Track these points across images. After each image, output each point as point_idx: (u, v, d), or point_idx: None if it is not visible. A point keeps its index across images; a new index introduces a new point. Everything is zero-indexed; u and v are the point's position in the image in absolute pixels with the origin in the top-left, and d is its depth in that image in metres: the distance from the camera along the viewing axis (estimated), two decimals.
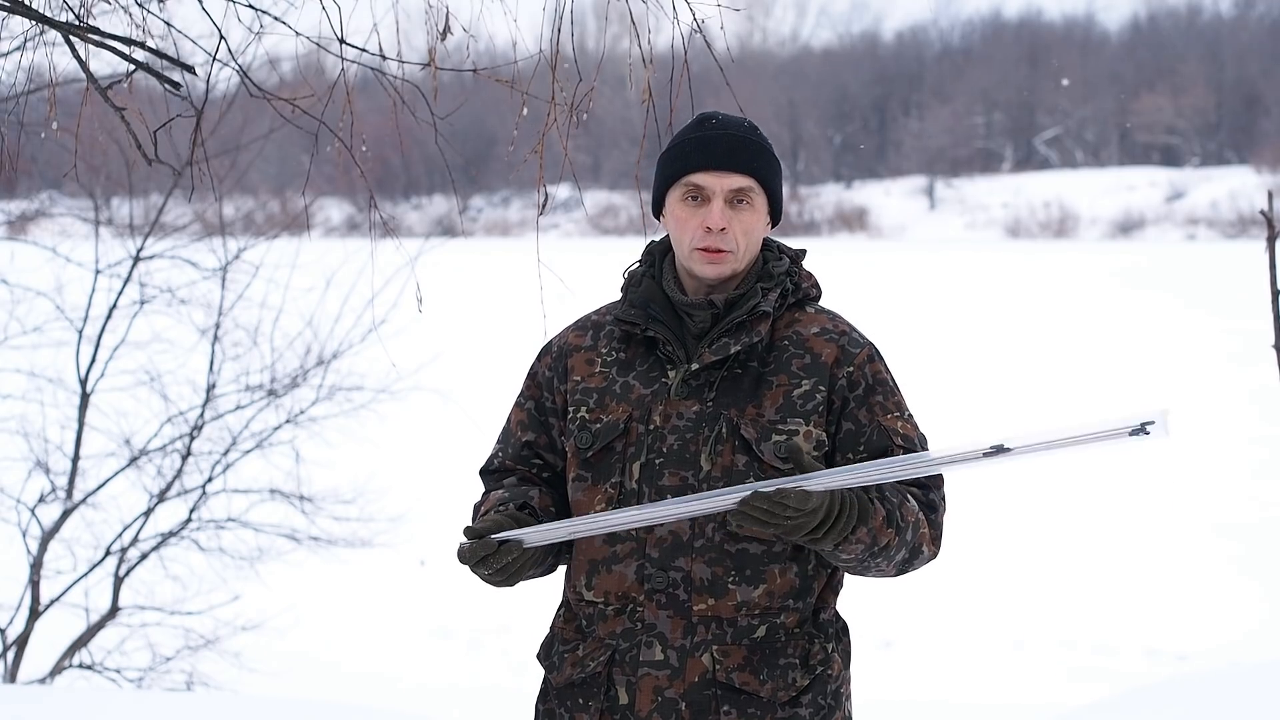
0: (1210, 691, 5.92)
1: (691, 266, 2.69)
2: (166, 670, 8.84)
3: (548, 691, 2.74)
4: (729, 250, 2.66)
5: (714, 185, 2.66)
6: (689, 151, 2.69)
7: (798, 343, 2.68)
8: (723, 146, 2.67)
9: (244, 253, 9.55)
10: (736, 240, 2.66)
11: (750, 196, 2.68)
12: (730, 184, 2.66)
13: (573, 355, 2.76)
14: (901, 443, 2.64)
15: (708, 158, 2.67)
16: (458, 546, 2.59)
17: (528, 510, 2.68)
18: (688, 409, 2.64)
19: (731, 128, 2.70)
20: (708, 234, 2.65)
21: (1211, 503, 14.36)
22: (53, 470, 9.02)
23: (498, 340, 21.17)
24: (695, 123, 2.74)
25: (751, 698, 2.59)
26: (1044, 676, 9.90)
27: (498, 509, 2.66)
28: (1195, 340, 25.28)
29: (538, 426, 2.78)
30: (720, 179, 2.66)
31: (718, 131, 2.69)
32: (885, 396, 2.68)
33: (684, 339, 2.69)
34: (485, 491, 2.81)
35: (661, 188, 2.74)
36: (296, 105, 3.74)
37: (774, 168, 2.72)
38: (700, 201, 2.67)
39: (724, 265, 2.67)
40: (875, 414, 2.65)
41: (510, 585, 2.64)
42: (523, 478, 2.77)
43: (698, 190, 2.67)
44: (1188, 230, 55.75)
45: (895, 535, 2.55)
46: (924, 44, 79.07)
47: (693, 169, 2.67)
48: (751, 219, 2.68)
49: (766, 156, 2.71)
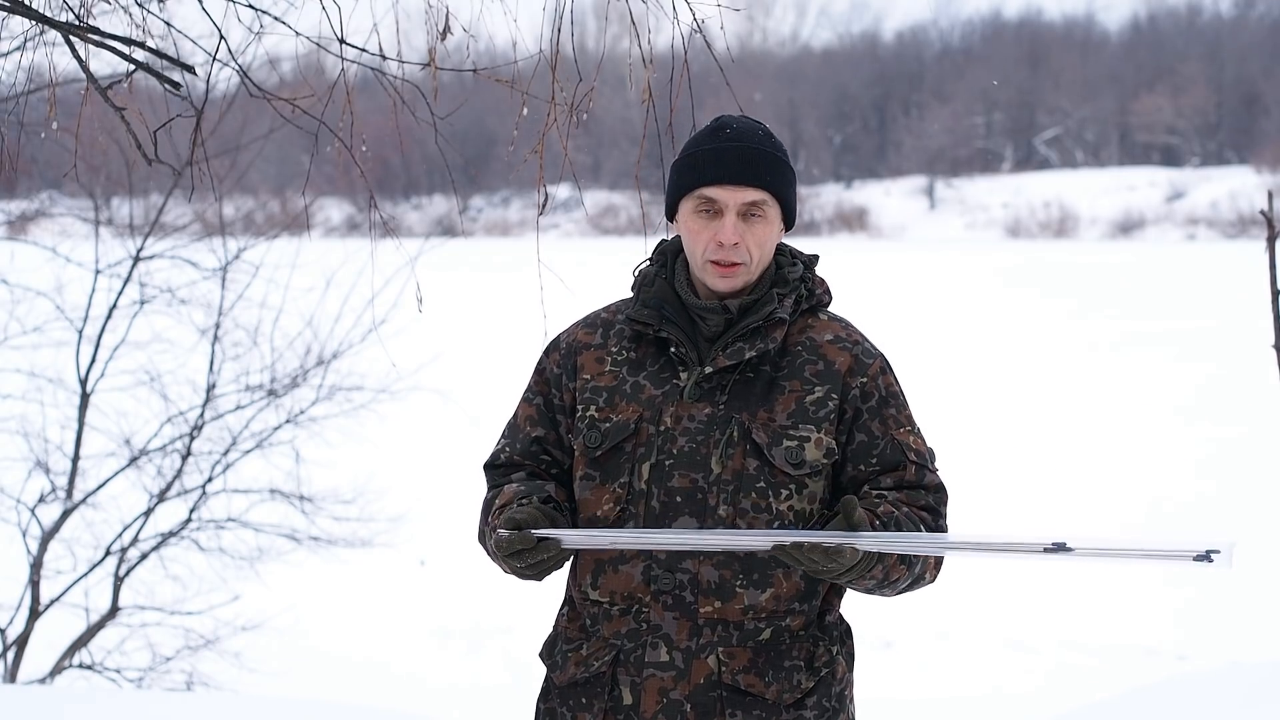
0: (1210, 691, 5.92)
1: (704, 278, 2.68)
2: (166, 670, 8.84)
3: (550, 690, 2.73)
4: (742, 263, 2.65)
5: (727, 199, 2.65)
6: (702, 163, 2.67)
7: (811, 349, 2.68)
8: (736, 160, 2.65)
9: (244, 253, 9.55)
10: (749, 253, 2.65)
11: (763, 209, 2.66)
12: (743, 198, 2.65)
13: (582, 353, 2.75)
14: (914, 458, 2.65)
15: (721, 171, 2.65)
16: (494, 535, 2.55)
17: (552, 505, 2.65)
18: (699, 411, 2.64)
19: (745, 138, 2.68)
20: (720, 248, 2.64)
21: (1211, 503, 14.35)
22: (53, 470, 9.02)
23: (498, 340, 21.19)
24: (710, 131, 2.71)
25: (757, 700, 2.60)
26: (1044, 676, 9.90)
27: (520, 502, 2.63)
28: (1195, 340, 25.27)
29: (547, 423, 2.76)
30: (733, 193, 2.65)
31: (732, 143, 2.67)
32: (898, 410, 2.68)
33: (696, 341, 2.68)
34: (494, 485, 2.77)
35: (675, 196, 2.72)
36: (296, 105, 3.74)
37: (788, 178, 2.70)
38: (713, 215, 2.66)
39: (736, 278, 2.66)
40: (889, 427, 2.66)
41: (539, 580, 2.62)
42: (532, 473, 2.75)
43: (710, 203, 2.66)
44: (1188, 230, 55.76)
45: (906, 570, 2.57)
46: (924, 44, 79.12)
47: (706, 182, 2.66)
48: (764, 231, 2.67)
49: (780, 168, 2.69)
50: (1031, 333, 27.12)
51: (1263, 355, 5.84)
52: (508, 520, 2.55)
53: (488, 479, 2.81)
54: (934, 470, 2.68)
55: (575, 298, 3.65)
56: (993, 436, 17.52)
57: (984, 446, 16.28)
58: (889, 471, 2.64)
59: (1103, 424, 18.59)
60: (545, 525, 2.56)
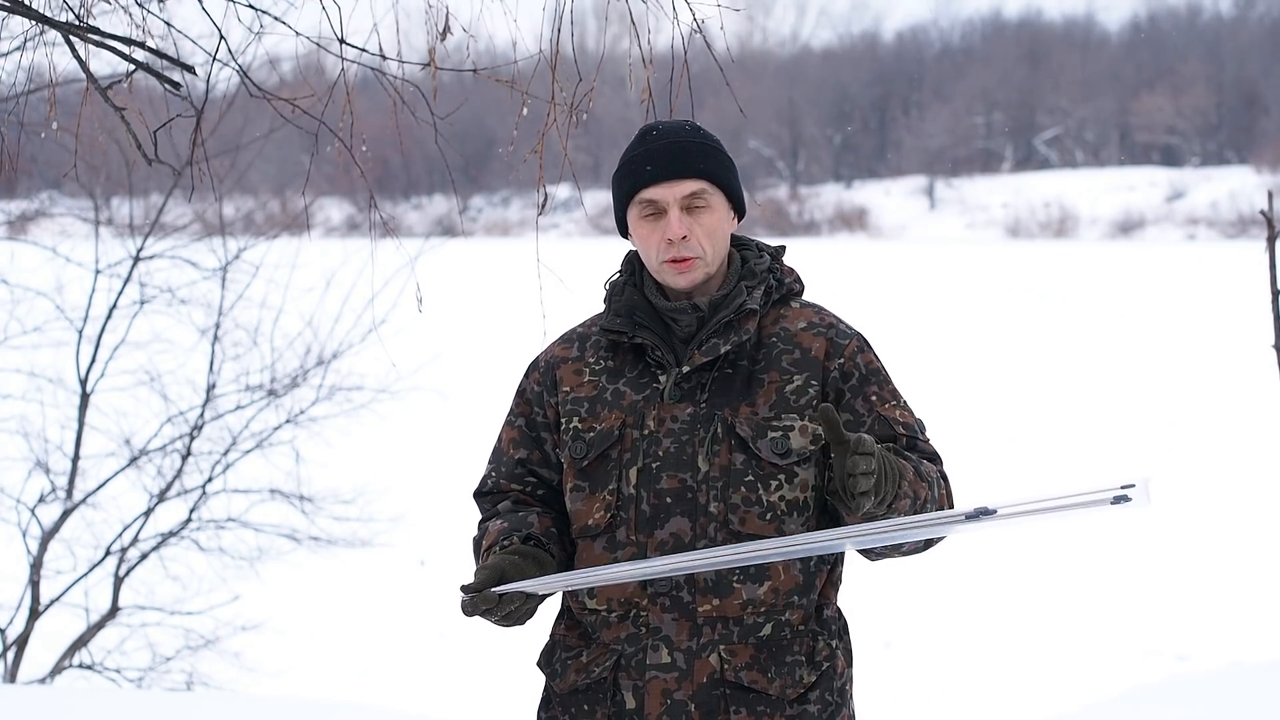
0: (1210, 691, 5.92)
1: (664, 280, 2.70)
2: (166, 670, 8.85)
3: (550, 699, 2.73)
4: (696, 256, 2.67)
5: (666, 196, 2.67)
6: (636, 168, 2.70)
7: (786, 338, 2.69)
8: (666, 156, 2.68)
9: (244, 253, 9.56)
10: (701, 244, 2.67)
11: (705, 198, 2.68)
12: (682, 191, 2.67)
13: (560, 367, 2.76)
14: (904, 431, 2.65)
15: (654, 170, 2.68)
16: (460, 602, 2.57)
17: (533, 542, 2.66)
18: (681, 411, 2.64)
19: (672, 135, 2.71)
20: (670, 245, 2.67)
21: (1211, 503, 14.35)
22: (53, 470, 9.03)
23: (498, 340, 21.17)
24: (637, 138, 2.75)
25: (760, 696, 2.60)
26: (1044, 676, 9.90)
27: (502, 545, 2.64)
28: (1195, 340, 25.27)
29: (530, 443, 2.77)
30: (670, 188, 2.67)
31: (660, 142, 2.70)
32: (880, 386, 2.69)
33: (671, 343, 2.70)
34: (482, 520, 2.79)
35: (620, 209, 2.75)
36: (296, 105, 3.74)
37: (724, 163, 2.73)
38: (657, 215, 2.68)
39: (695, 272, 2.68)
40: (873, 404, 2.66)
41: (521, 624, 2.62)
42: (517, 500, 2.76)
43: (652, 205, 2.69)
44: (1188, 230, 55.74)
45: (926, 489, 2.54)
46: (924, 44, 79.15)
47: (642, 184, 2.69)
48: (711, 220, 2.69)
49: (713, 154, 2.71)
50: (1031, 333, 27.12)
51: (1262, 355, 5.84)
52: (465, 587, 2.56)
53: (478, 507, 2.83)
54: (925, 440, 2.68)
55: (575, 298, 3.65)
56: (992, 436, 17.52)
57: (983, 446, 16.28)
58: (882, 444, 2.61)
59: (1103, 424, 18.59)
60: (515, 573, 2.56)
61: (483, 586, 2.55)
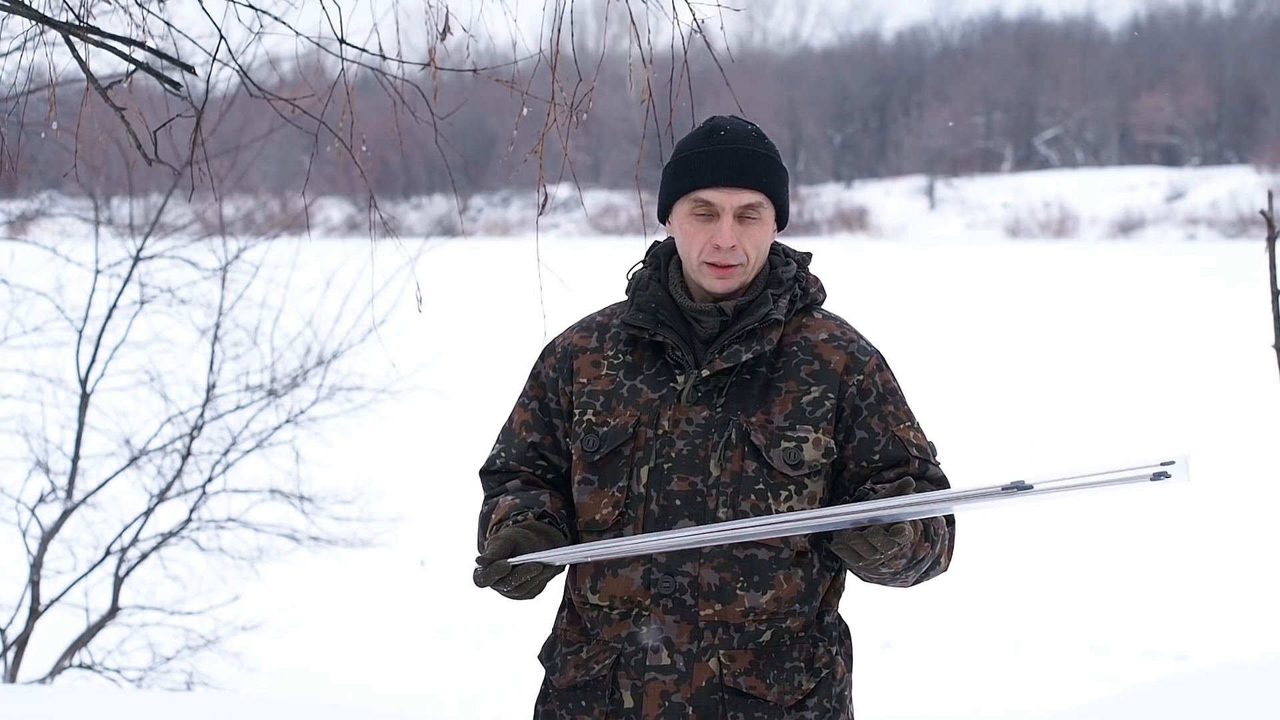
0: (1210, 691, 5.92)
1: (700, 280, 2.68)
2: (166, 670, 8.85)
3: (548, 693, 2.72)
4: (739, 264, 2.65)
5: (724, 202, 2.64)
6: (698, 166, 2.66)
7: (806, 349, 2.68)
8: (732, 162, 2.65)
9: (244, 253, 9.55)
10: (746, 254, 2.65)
11: (759, 211, 2.66)
12: (740, 200, 2.64)
13: (578, 356, 2.74)
14: (916, 453, 2.65)
15: (717, 174, 2.64)
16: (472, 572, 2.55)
17: (546, 519, 2.65)
18: (697, 414, 2.63)
19: (741, 140, 2.67)
20: (717, 250, 2.64)
21: (1210, 502, 14.34)
22: (53, 470, 9.03)
23: (498, 340, 21.17)
24: (704, 133, 2.71)
25: (758, 702, 2.59)
26: (1043, 676, 9.90)
27: (514, 519, 2.63)
28: (1195, 340, 25.27)
29: (543, 427, 2.75)
30: (730, 195, 2.64)
31: (727, 146, 2.66)
32: (896, 406, 2.68)
33: (692, 344, 2.68)
34: (489, 495, 2.77)
35: (669, 198, 2.72)
36: (296, 105, 3.74)
37: (782, 178, 2.70)
38: (709, 217, 2.66)
39: (733, 279, 2.66)
40: (889, 424, 2.65)
41: (532, 598, 2.61)
42: (527, 480, 2.74)
43: (707, 206, 2.65)
44: (1188, 230, 55.73)
45: (929, 548, 2.56)
46: (924, 44, 79.11)
47: (702, 185, 2.65)
48: (760, 232, 2.67)
49: (775, 168, 2.69)
50: (1031, 333, 27.11)
51: (1262, 355, 5.84)
52: (480, 559, 2.55)
53: (483, 485, 2.81)
54: (936, 464, 2.68)
55: (575, 297, 3.65)
56: (992, 436, 17.52)
57: (983, 446, 16.28)
58: (891, 467, 2.64)
59: (1103, 424, 18.59)
60: (528, 546, 2.55)
61: (496, 557, 2.53)
